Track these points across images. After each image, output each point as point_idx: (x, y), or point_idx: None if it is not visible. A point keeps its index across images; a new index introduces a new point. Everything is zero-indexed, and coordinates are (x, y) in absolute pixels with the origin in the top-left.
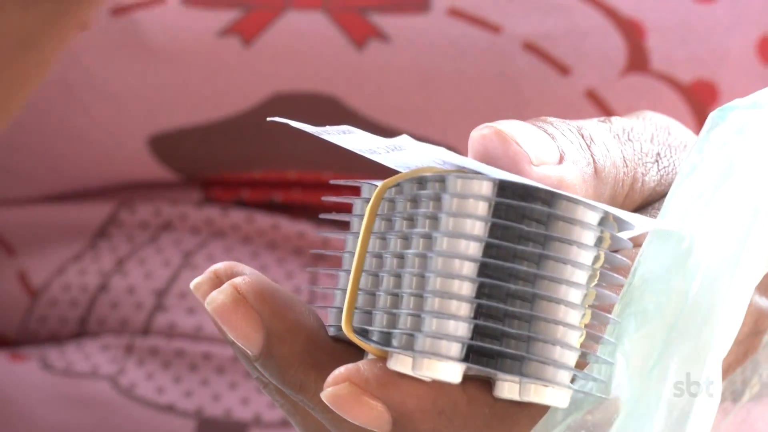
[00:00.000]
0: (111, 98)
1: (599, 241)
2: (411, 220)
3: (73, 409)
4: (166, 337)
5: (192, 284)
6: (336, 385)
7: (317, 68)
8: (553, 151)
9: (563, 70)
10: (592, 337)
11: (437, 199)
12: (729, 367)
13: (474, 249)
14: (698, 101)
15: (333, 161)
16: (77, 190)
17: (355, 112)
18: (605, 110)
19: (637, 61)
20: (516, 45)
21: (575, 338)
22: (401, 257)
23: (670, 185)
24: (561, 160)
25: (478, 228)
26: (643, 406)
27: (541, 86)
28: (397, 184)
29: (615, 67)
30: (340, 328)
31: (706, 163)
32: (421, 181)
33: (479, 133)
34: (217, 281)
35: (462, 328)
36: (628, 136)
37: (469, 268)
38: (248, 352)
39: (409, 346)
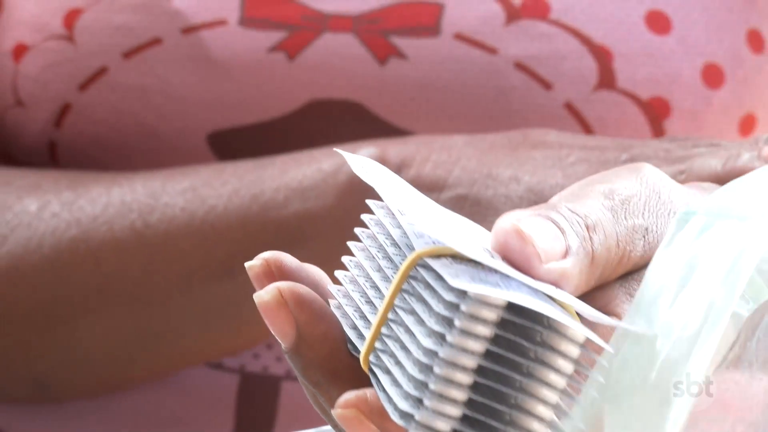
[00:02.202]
0: (178, 101)
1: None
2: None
3: None
4: None
5: (246, 265)
6: (346, 408)
7: (347, 80)
8: (560, 247)
9: (546, 85)
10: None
11: (455, 307)
12: None
13: (472, 363)
14: (654, 114)
15: None
16: None
17: (377, 117)
18: (580, 119)
19: (606, 80)
20: (509, 64)
21: (543, 431)
22: (419, 322)
23: (652, 256)
24: (566, 255)
25: (480, 347)
26: None
27: (529, 98)
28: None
29: (588, 84)
30: (356, 349)
31: (670, 266)
32: (453, 258)
33: (502, 228)
34: (266, 266)
35: (453, 413)
36: (626, 213)
37: (466, 378)
38: (282, 344)
39: (408, 420)
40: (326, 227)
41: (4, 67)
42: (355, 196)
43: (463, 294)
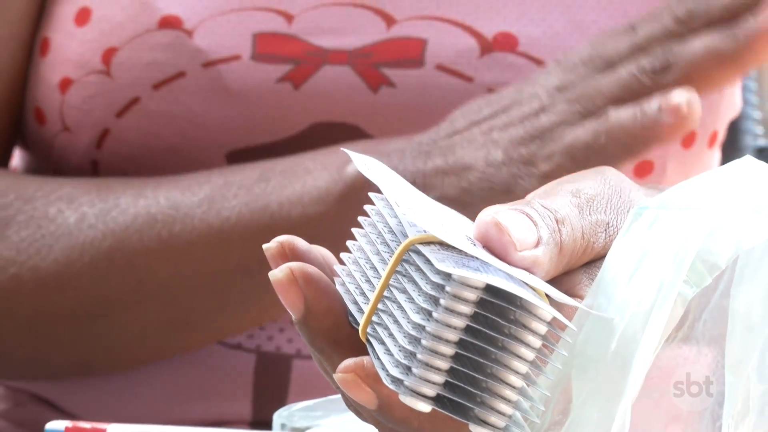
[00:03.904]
0: (200, 125)
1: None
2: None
3: None
4: None
5: (264, 246)
6: (345, 373)
7: (345, 105)
8: (533, 237)
9: None
10: (532, 384)
11: (440, 288)
12: None
13: (454, 337)
14: None
15: None
16: None
17: (370, 137)
18: None
19: None
20: (483, 90)
21: (514, 397)
22: (410, 300)
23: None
24: (537, 244)
25: (461, 323)
26: (579, 424)
27: None
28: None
29: None
30: (356, 321)
31: (626, 252)
32: (441, 245)
33: (483, 221)
34: (280, 248)
35: (437, 380)
36: (590, 208)
37: (449, 350)
38: (292, 315)
39: (398, 384)
40: (328, 230)
41: (52, 98)
42: (352, 204)
43: (447, 276)
